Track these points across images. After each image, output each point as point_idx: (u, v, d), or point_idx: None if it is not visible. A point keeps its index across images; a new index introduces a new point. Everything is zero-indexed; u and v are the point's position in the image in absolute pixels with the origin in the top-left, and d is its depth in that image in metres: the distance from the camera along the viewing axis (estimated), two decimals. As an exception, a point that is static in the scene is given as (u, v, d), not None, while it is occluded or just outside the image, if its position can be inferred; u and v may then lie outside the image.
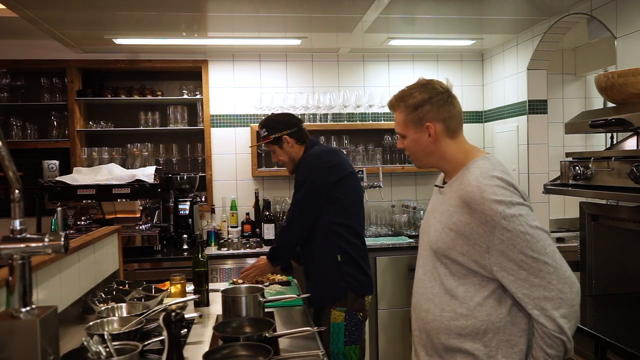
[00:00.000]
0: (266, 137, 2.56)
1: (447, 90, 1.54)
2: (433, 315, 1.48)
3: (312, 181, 2.36)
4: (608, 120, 2.14)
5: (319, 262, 2.39)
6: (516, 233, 1.33)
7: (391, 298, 3.64)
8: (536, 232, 1.34)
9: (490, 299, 1.41)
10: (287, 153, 2.54)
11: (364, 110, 4.23)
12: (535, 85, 3.81)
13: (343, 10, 3.17)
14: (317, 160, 2.41)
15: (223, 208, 4.17)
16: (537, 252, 1.33)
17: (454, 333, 1.44)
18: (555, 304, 1.32)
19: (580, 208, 2.52)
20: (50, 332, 1.11)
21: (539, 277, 1.32)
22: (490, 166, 1.45)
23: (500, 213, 1.33)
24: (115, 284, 2.19)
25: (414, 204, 4.20)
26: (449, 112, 1.52)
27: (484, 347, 1.41)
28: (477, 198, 1.37)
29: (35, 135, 4.00)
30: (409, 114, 1.53)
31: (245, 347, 1.58)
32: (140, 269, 3.43)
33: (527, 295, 1.34)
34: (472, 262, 1.40)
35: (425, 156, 1.56)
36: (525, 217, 1.35)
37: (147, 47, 3.94)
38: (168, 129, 4.09)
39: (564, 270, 1.34)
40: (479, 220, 1.36)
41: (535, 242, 1.33)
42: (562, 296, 1.32)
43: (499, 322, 1.41)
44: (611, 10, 2.91)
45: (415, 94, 1.52)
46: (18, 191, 1.09)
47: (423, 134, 1.52)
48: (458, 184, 1.46)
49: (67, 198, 3.39)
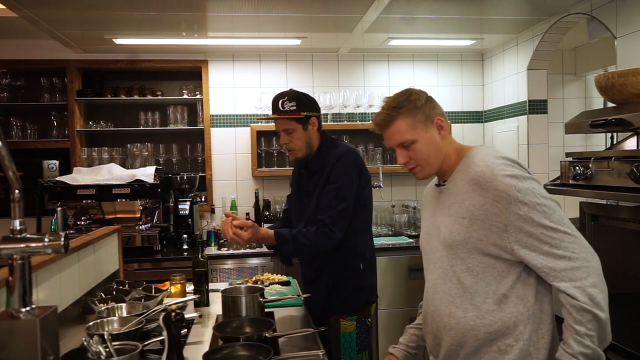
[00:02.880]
0: (294, 113, 2.20)
1: (426, 94, 1.55)
2: (457, 319, 1.40)
3: (351, 183, 2.17)
4: (608, 120, 2.14)
5: (339, 270, 2.20)
6: (532, 205, 1.29)
7: (391, 298, 3.64)
8: (551, 203, 1.32)
9: (514, 289, 1.35)
10: (307, 137, 2.24)
11: (364, 110, 4.23)
12: (535, 85, 3.81)
13: (343, 10, 3.17)
14: (357, 159, 2.23)
15: (223, 208, 4.17)
16: (556, 222, 1.29)
17: (482, 332, 1.36)
18: (583, 272, 1.26)
19: (580, 208, 2.51)
20: (50, 332, 1.11)
21: (562, 248, 1.28)
22: (492, 150, 1.45)
23: (515, 186, 1.30)
24: (115, 284, 2.18)
25: (414, 204, 4.20)
26: (441, 108, 1.54)
27: (516, 342, 1.34)
28: (488, 175, 1.34)
29: (35, 135, 4.00)
30: (416, 115, 1.48)
31: (245, 347, 1.58)
32: (140, 269, 3.43)
33: (553, 269, 1.28)
34: (492, 246, 1.34)
35: (437, 154, 1.49)
36: (538, 189, 1.33)
37: (147, 47, 3.94)
38: (168, 129, 4.09)
39: (582, 240, 1.31)
40: (493, 198, 1.33)
41: (552, 213, 1.30)
42: (588, 265, 1.27)
43: (527, 311, 1.35)
44: (611, 10, 2.91)
45: (411, 97, 1.49)
46: (18, 191, 1.09)
47: (434, 130, 1.49)
48: (462, 172, 1.43)
49: (67, 198, 3.39)
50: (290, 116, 2.20)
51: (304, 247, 2.11)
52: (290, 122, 2.21)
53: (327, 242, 2.11)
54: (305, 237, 2.10)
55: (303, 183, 2.34)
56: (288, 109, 2.20)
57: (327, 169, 2.19)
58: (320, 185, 2.21)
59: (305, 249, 2.12)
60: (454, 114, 4.49)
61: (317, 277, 2.25)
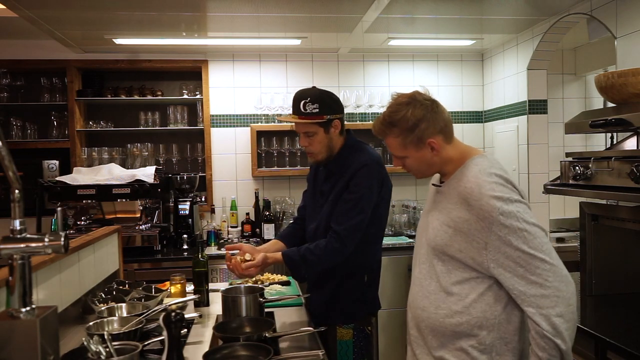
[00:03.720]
0: (317, 116, 2.06)
1: (432, 100, 1.51)
2: (428, 313, 1.48)
3: (371, 196, 2.06)
4: (608, 120, 2.14)
5: (343, 279, 2.12)
6: (513, 229, 1.33)
7: (391, 298, 3.64)
8: (533, 228, 1.34)
9: (485, 296, 1.41)
10: (328, 140, 2.10)
11: (364, 110, 4.23)
12: (535, 85, 3.81)
13: (343, 10, 3.17)
14: (381, 170, 2.12)
15: (223, 208, 4.17)
16: (534, 248, 1.32)
17: (449, 330, 1.44)
18: (551, 301, 1.30)
19: (580, 208, 2.51)
20: (50, 332, 1.12)
21: (536, 275, 1.32)
22: (488, 164, 1.45)
23: (498, 209, 1.34)
24: (115, 284, 2.18)
25: (414, 204, 4.20)
26: (443, 120, 1.49)
27: (479, 344, 1.41)
28: (476, 194, 1.37)
29: (35, 135, 4.00)
30: (407, 136, 1.48)
31: (245, 347, 1.58)
32: (140, 269, 3.43)
33: (523, 293, 1.33)
34: (470, 259, 1.40)
35: (428, 169, 1.54)
36: (522, 213, 1.35)
37: (147, 47, 3.94)
38: (168, 129, 4.09)
39: (560, 269, 1.34)
40: (477, 216, 1.36)
41: (533, 238, 1.33)
42: (558, 294, 1.31)
43: (494, 319, 1.41)
44: (611, 10, 2.91)
45: (406, 115, 1.46)
46: (18, 191, 1.09)
47: (426, 150, 1.49)
48: (456, 181, 1.46)
49: (67, 198, 3.39)
50: (312, 121, 2.06)
51: (314, 265, 2.03)
52: (312, 126, 2.07)
53: (337, 258, 2.04)
54: (314, 255, 2.02)
55: (319, 181, 2.25)
56: (310, 111, 2.06)
57: (347, 174, 2.08)
58: (337, 189, 2.10)
59: (316, 267, 2.05)
60: (454, 114, 4.48)
61: (319, 284, 2.18)
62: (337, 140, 2.13)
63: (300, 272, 2.05)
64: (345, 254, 2.03)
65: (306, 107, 2.06)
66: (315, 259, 2.01)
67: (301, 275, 2.09)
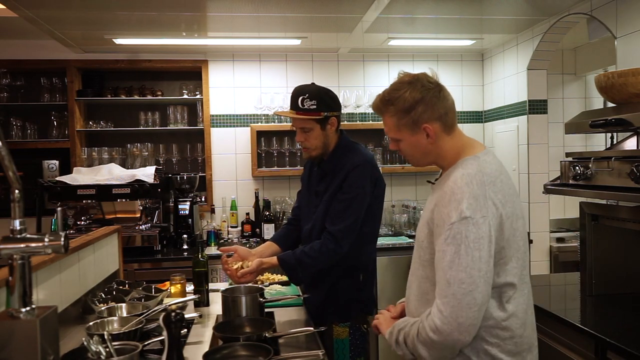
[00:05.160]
0: (314, 113, 2.09)
1: (437, 84, 1.45)
2: (418, 314, 1.45)
3: (364, 196, 2.09)
4: (608, 120, 2.14)
5: (339, 279, 2.14)
6: (456, 244, 1.29)
7: (391, 298, 3.63)
8: (474, 253, 1.28)
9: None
10: (324, 137, 2.14)
11: (364, 110, 4.23)
12: (535, 85, 3.81)
13: (343, 10, 3.17)
14: (374, 170, 2.16)
15: (223, 208, 4.17)
16: (457, 268, 1.28)
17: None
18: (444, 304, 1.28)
19: (580, 208, 2.51)
20: (50, 332, 1.12)
21: (449, 288, 1.28)
22: (476, 169, 1.36)
23: (452, 223, 1.29)
24: (115, 284, 2.19)
25: (414, 204, 4.20)
26: (444, 107, 1.43)
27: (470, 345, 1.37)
28: (447, 199, 1.32)
29: (35, 135, 4.00)
30: (402, 117, 1.42)
31: (245, 347, 1.58)
32: (140, 269, 3.43)
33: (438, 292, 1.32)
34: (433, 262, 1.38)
35: (423, 156, 1.49)
36: (469, 237, 1.28)
37: (147, 47, 3.94)
38: (168, 129, 4.09)
39: (475, 294, 1.27)
40: (439, 218, 1.34)
41: (462, 260, 1.28)
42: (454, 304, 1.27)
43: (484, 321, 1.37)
44: (611, 10, 2.91)
45: (404, 95, 1.40)
46: (18, 191, 1.09)
47: (420, 136, 1.43)
48: (444, 181, 1.41)
49: (67, 198, 3.39)
50: (309, 117, 2.09)
51: (310, 267, 2.07)
52: (309, 121, 2.11)
53: (332, 259, 2.07)
54: (310, 257, 2.05)
55: (313, 181, 2.27)
56: (307, 107, 2.09)
57: (340, 175, 2.11)
58: (331, 190, 2.13)
59: (311, 269, 2.08)
60: (454, 114, 4.48)
61: (314, 283, 2.20)
62: (332, 137, 2.17)
63: (297, 275, 2.09)
64: (340, 254, 2.06)
65: (304, 103, 2.09)
66: (311, 261, 2.05)
67: (298, 278, 2.13)
